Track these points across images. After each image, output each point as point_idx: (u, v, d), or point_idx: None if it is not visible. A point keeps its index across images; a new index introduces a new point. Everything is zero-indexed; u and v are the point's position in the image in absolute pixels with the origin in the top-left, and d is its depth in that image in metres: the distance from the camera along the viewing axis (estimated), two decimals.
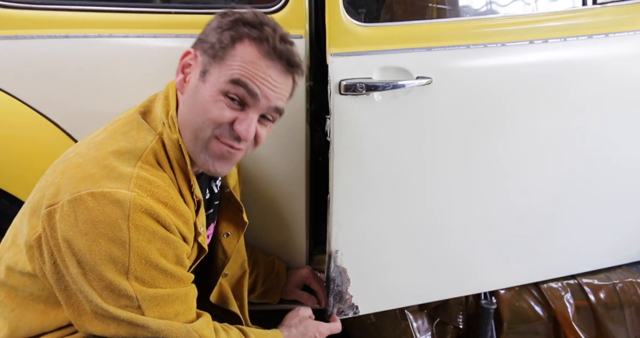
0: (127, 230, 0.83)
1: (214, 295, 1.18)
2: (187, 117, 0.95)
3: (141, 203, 0.84)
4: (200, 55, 0.95)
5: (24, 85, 1.25)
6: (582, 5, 1.39)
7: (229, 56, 0.92)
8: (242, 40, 0.92)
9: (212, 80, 0.92)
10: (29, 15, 1.25)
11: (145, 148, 0.91)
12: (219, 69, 0.92)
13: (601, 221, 1.50)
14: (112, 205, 0.83)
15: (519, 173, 1.36)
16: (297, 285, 1.44)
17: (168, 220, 0.87)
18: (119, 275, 0.84)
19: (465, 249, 1.40)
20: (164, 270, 0.88)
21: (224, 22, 0.94)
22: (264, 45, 0.91)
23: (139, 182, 0.86)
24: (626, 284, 1.54)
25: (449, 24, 1.37)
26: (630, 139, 1.42)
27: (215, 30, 0.94)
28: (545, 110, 1.31)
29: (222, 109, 0.92)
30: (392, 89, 1.18)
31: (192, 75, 0.95)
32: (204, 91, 0.93)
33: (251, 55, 0.91)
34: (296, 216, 1.39)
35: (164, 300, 0.89)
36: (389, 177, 1.27)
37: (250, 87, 0.91)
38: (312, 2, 1.33)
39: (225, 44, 0.92)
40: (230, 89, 0.91)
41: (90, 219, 0.82)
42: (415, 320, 1.52)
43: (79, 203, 0.83)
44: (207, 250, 1.03)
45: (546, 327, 1.52)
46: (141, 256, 0.84)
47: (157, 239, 0.86)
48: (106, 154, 0.89)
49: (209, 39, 0.94)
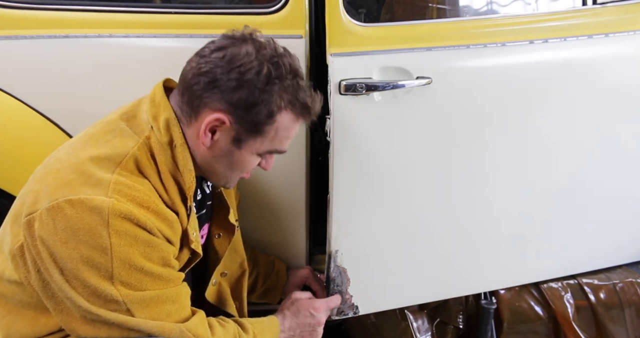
0: (108, 237, 0.82)
1: (212, 295, 1.17)
2: (212, 165, 0.99)
3: (120, 209, 0.83)
4: (232, 123, 0.91)
5: (24, 86, 1.25)
6: (582, 5, 1.39)
7: (268, 129, 0.94)
8: (280, 111, 0.93)
9: (250, 148, 0.96)
10: (29, 15, 1.25)
11: (126, 154, 0.89)
12: (257, 139, 0.95)
13: (601, 221, 1.50)
14: (90, 212, 0.82)
15: (519, 173, 1.35)
16: (297, 285, 1.43)
17: (149, 224, 0.86)
18: (104, 280, 0.83)
19: (465, 249, 1.40)
20: (150, 273, 0.87)
21: (250, 84, 0.89)
22: (299, 108, 0.94)
23: (118, 187, 0.85)
24: (626, 284, 1.54)
25: (449, 24, 1.37)
26: (631, 139, 1.42)
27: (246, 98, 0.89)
28: (545, 110, 1.31)
29: (255, 162, 1.00)
30: (392, 89, 1.17)
31: (222, 138, 0.94)
32: (239, 155, 0.96)
33: (288, 122, 0.95)
34: (296, 216, 1.39)
35: (153, 301, 0.88)
36: (389, 177, 1.26)
37: (283, 149, 1.00)
38: (312, 2, 1.33)
39: (264, 119, 0.92)
40: (266, 153, 0.99)
41: (70, 227, 0.82)
42: (415, 320, 1.52)
43: (57, 211, 0.82)
44: (201, 254, 1.02)
45: (546, 327, 1.52)
46: (124, 261, 0.84)
47: (139, 243, 0.85)
48: (84, 160, 0.88)
49: (241, 110, 0.90)
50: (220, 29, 1.22)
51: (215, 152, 0.96)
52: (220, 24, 1.23)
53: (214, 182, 1.05)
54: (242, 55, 0.89)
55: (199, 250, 1.01)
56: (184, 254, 0.99)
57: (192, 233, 0.98)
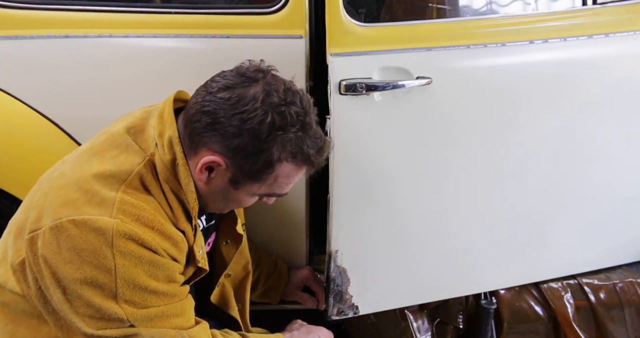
0: (112, 257, 0.81)
1: (215, 296, 1.17)
2: (208, 197, 0.97)
3: (124, 230, 0.82)
4: (230, 166, 0.90)
5: (24, 86, 1.25)
6: (582, 5, 1.39)
7: (266, 177, 0.92)
8: (281, 162, 0.90)
9: (246, 190, 0.94)
10: (29, 15, 1.25)
11: (131, 171, 0.88)
12: (256, 185, 0.93)
13: (601, 221, 1.49)
14: (94, 233, 0.81)
15: (519, 173, 1.35)
16: (298, 286, 1.44)
17: (154, 244, 0.85)
18: (107, 299, 0.83)
19: (465, 249, 1.40)
20: (155, 291, 0.87)
21: (253, 133, 0.86)
22: (302, 160, 0.92)
23: (123, 206, 0.84)
24: (626, 284, 1.54)
25: (449, 24, 1.37)
26: (631, 139, 1.42)
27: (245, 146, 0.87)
28: (545, 110, 1.31)
29: (252, 201, 0.99)
30: (392, 89, 1.17)
31: (219, 177, 0.92)
32: (235, 195, 0.96)
33: (289, 172, 0.93)
34: (296, 216, 1.39)
35: (157, 317, 0.88)
36: (389, 177, 1.26)
37: (282, 193, 0.98)
38: (312, 2, 1.33)
39: (263, 170, 0.90)
40: (264, 196, 0.98)
41: (73, 247, 0.81)
42: (415, 320, 1.52)
43: (61, 230, 0.82)
44: (207, 270, 1.02)
45: (546, 327, 1.52)
46: (129, 281, 0.83)
47: (144, 263, 0.85)
48: (88, 176, 0.87)
49: (240, 157, 0.88)
50: (220, 29, 1.23)
51: (212, 188, 0.94)
52: (221, 24, 1.24)
53: (209, 209, 1.03)
54: (248, 99, 0.86)
55: (205, 267, 1.00)
56: (189, 270, 0.98)
57: (199, 251, 0.97)
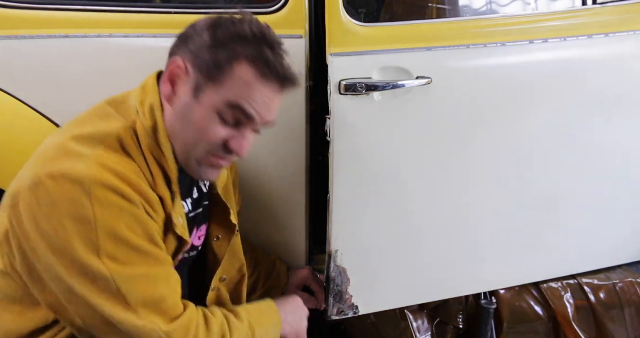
0: (91, 207, 0.80)
1: (210, 301, 1.16)
2: (178, 132, 0.93)
3: (102, 179, 0.81)
4: (192, 69, 0.90)
5: (24, 86, 1.25)
6: (582, 5, 1.39)
7: (226, 78, 0.89)
8: (239, 61, 0.88)
9: (207, 101, 0.90)
10: (29, 15, 1.25)
11: (110, 134, 0.88)
12: (215, 90, 0.89)
13: (601, 221, 1.50)
14: (72, 184, 0.80)
15: (519, 173, 1.35)
16: (298, 286, 1.43)
17: (134, 197, 0.84)
18: (90, 254, 0.81)
19: (465, 249, 1.40)
20: (137, 247, 0.85)
21: (218, 37, 0.89)
22: (262, 66, 0.89)
23: (101, 160, 0.84)
24: (626, 284, 1.54)
25: (449, 24, 1.37)
26: (631, 139, 1.42)
27: (210, 48, 0.89)
28: (545, 110, 1.31)
29: (218, 130, 0.91)
30: (392, 89, 1.17)
31: (183, 89, 0.92)
32: (197, 111, 0.91)
33: (249, 77, 0.89)
34: (296, 216, 1.39)
35: (144, 280, 0.85)
36: (389, 177, 1.27)
37: (248, 111, 0.90)
38: (312, 2, 1.33)
39: (222, 64, 0.88)
40: (226, 112, 0.90)
41: (52, 201, 0.81)
42: (415, 320, 1.52)
43: (39, 187, 0.82)
44: (189, 241, 1.00)
45: (546, 327, 1.52)
46: (109, 232, 0.82)
47: (124, 214, 0.83)
48: (67, 138, 0.87)
49: (202, 55, 0.89)
50: None
51: (177, 112, 0.92)
52: None
53: (185, 160, 0.97)
54: (218, 19, 0.91)
55: (185, 237, 0.98)
56: (170, 241, 0.96)
57: (178, 219, 0.95)
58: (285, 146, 1.31)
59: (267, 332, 1.05)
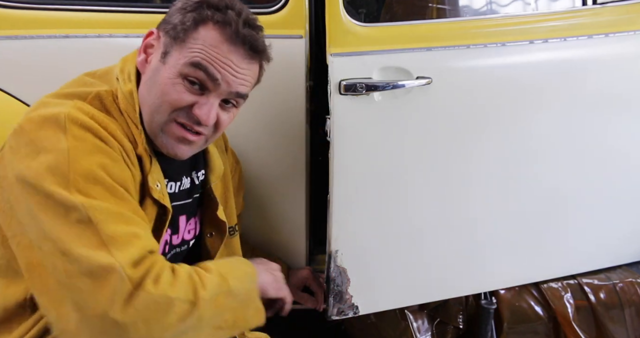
0: (66, 140, 0.80)
1: None
2: (146, 98, 0.93)
3: (78, 117, 0.83)
4: (162, 35, 0.93)
5: (24, 86, 1.25)
6: (582, 5, 1.39)
7: (191, 39, 0.90)
8: (205, 23, 0.90)
9: (172, 62, 0.91)
10: (29, 15, 1.25)
11: (90, 92, 0.90)
12: (180, 51, 0.91)
13: (601, 221, 1.49)
14: (48, 122, 0.82)
15: (518, 174, 1.35)
16: (298, 286, 1.43)
17: (110, 140, 0.85)
18: (60, 186, 0.78)
19: (465, 249, 1.40)
20: (110, 188, 0.81)
21: (188, 4, 0.93)
22: (227, 29, 0.90)
23: (79, 105, 0.85)
24: (626, 284, 1.54)
25: (449, 24, 1.37)
26: (631, 139, 1.42)
27: (179, 11, 0.93)
28: (545, 110, 1.31)
29: (181, 92, 0.91)
30: (392, 89, 1.18)
31: (154, 56, 0.94)
32: (163, 72, 0.91)
33: (213, 39, 0.90)
34: (296, 216, 1.39)
35: (117, 215, 0.79)
36: (389, 177, 1.26)
37: (211, 71, 0.90)
38: (312, 2, 1.33)
39: (188, 25, 0.91)
40: (189, 72, 0.90)
41: (30, 139, 0.81)
42: (415, 320, 1.52)
43: (18, 132, 0.83)
44: (169, 208, 0.96)
45: (546, 327, 1.52)
46: (82, 167, 0.79)
47: (98, 151, 0.82)
48: (48, 96, 0.90)
49: (172, 20, 0.93)
50: None
51: (147, 78, 0.94)
52: None
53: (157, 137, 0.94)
54: None
55: (165, 203, 0.95)
56: (149, 207, 0.94)
57: (155, 184, 0.94)
58: (285, 146, 1.31)
59: (242, 281, 0.94)
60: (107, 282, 0.74)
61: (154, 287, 0.77)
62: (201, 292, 0.82)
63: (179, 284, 0.81)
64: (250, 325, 0.96)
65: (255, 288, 0.97)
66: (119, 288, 0.74)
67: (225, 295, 0.87)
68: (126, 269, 0.75)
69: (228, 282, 0.89)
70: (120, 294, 0.74)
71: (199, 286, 0.83)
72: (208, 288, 0.84)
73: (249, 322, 0.95)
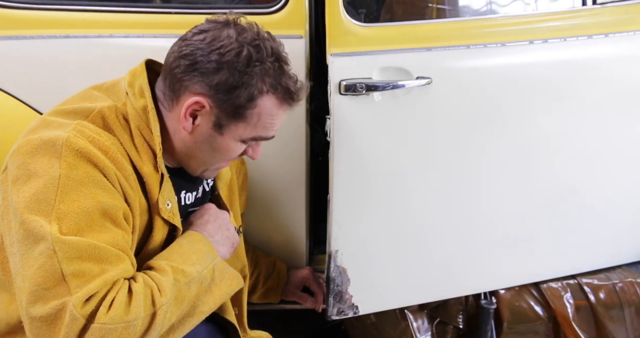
0: (59, 168, 0.79)
1: None
2: (193, 150, 0.96)
3: (76, 142, 0.81)
4: (212, 106, 0.90)
5: (25, 86, 1.25)
6: (582, 5, 1.39)
7: (249, 114, 0.91)
8: (262, 95, 0.90)
9: (232, 134, 0.93)
10: (29, 15, 1.25)
11: (93, 109, 0.89)
12: (240, 126, 0.92)
13: (601, 221, 1.50)
14: (45, 145, 0.81)
15: (518, 173, 1.35)
16: (298, 286, 1.44)
17: (107, 167, 0.83)
18: (41, 214, 0.77)
19: (465, 249, 1.40)
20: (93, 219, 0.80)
21: (234, 67, 0.87)
22: (283, 93, 0.92)
23: (80, 127, 0.84)
24: (626, 284, 1.54)
25: (449, 24, 1.37)
26: (630, 139, 1.42)
27: (227, 80, 0.88)
28: (545, 110, 1.31)
29: (239, 149, 0.97)
30: (392, 89, 1.18)
31: (203, 121, 0.92)
32: (222, 141, 0.94)
33: (271, 108, 0.92)
34: (296, 216, 1.39)
35: (88, 251, 0.77)
36: (389, 177, 1.27)
37: (269, 136, 0.96)
38: (312, 2, 1.33)
39: (244, 104, 0.90)
40: (252, 139, 0.96)
41: (24, 162, 0.81)
42: (415, 320, 1.52)
43: (16, 153, 0.83)
44: (180, 227, 0.98)
45: (546, 327, 1.52)
46: (69, 197, 0.78)
47: (89, 181, 0.81)
48: (51, 113, 0.90)
49: (221, 95, 0.88)
50: None
51: (197, 138, 0.94)
52: None
53: (192, 168, 0.99)
54: (223, 37, 0.89)
55: (176, 222, 0.96)
56: (159, 225, 0.94)
57: (166, 203, 0.93)
58: (285, 146, 1.31)
59: (201, 264, 0.92)
60: (60, 321, 0.75)
61: (106, 316, 0.76)
62: (159, 300, 0.82)
63: (135, 303, 0.79)
64: (233, 290, 0.99)
65: (219, 262, 0.96)
66: (71, 327, 0.74)
67: (186, 287, 0.87)
68: (77, 308, 0.74)
69: (185, 272, 0.88)
70: (73, 332, 0.74)
71: (156, 295, 0.82)
72: (166, 292, 0.83)
73: (231, 288, 0.99)
